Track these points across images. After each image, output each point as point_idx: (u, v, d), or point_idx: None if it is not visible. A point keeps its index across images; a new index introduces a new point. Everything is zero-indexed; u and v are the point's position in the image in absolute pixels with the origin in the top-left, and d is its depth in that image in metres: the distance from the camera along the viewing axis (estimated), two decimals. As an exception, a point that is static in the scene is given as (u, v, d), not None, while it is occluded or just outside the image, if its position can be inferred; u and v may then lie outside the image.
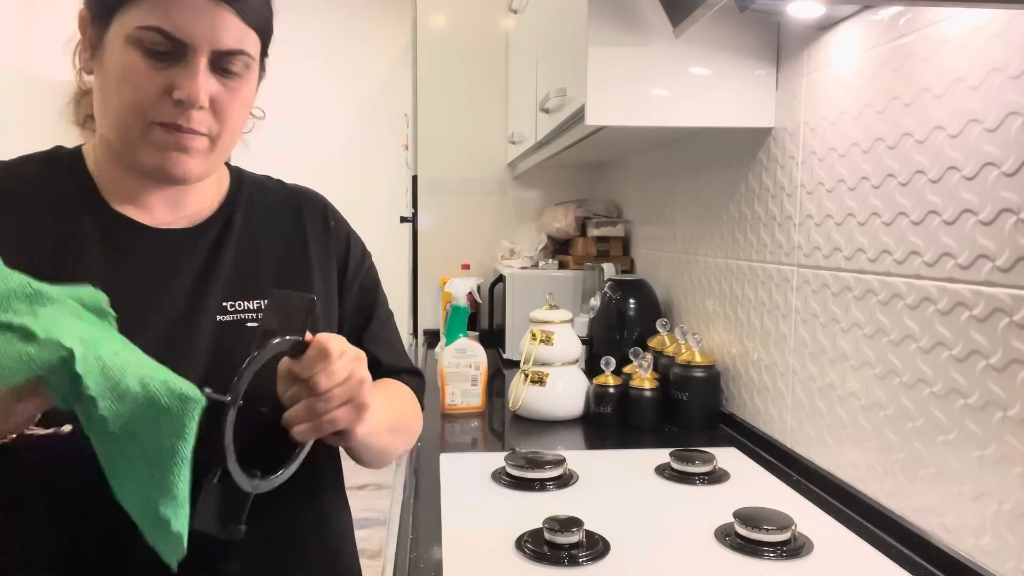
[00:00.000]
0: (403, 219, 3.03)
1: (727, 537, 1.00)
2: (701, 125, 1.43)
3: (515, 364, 1.76)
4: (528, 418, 1.63)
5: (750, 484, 1.24)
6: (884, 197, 1.06)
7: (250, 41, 0.75)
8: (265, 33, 0.79)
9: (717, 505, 1.12)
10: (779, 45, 1.37)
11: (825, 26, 1.21)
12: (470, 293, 2.48)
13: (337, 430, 0.69)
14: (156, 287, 0.76)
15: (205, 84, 0.71)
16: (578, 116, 1.46)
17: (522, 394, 1.62)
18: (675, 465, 1.26)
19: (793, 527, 0.98)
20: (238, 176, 0.90)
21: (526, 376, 1.63)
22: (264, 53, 0.82)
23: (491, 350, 2.26)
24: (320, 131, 4.30)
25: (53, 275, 0.65)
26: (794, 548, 0.97)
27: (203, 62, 0.71)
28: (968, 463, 0.90)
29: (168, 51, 0.70)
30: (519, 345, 1.69)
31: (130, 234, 0.77)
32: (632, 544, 0.99)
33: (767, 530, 0.97)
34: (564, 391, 1.62)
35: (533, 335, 1.65)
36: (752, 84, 1.38)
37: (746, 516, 1.00)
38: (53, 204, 0.75)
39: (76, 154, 0.80)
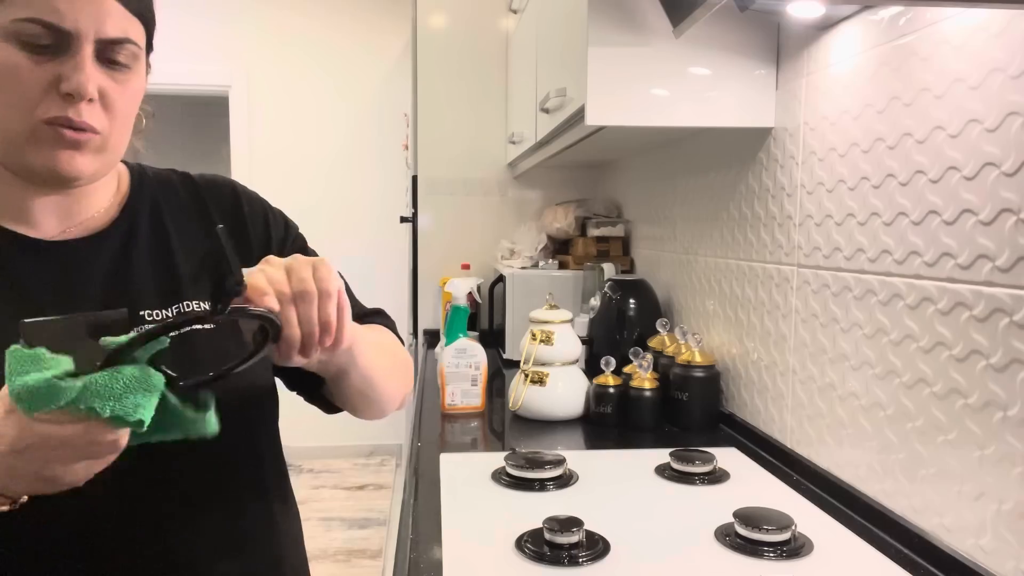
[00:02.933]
0: (403, 219, 3.04)
1: (727, 537, 1.00)
2: (701, 125, 1.42)
3: (515, 364, 1.76)
4: (528, 418, 1.63)
5: (750, 484, 1.24)
6: (884, 197, 1.06)
7: (135, 30, 0.71)
8: (149, 22, 0.74)
9: (717, 505, 1.12)
10: (779, 45, 1.37)
11: (825, 26, 1.21)
12: (470, 293, 2.48)
13: (328, 332, 0.65)
14: (56, 306, 0.69)
15: (93, 75, 0.67)
16: (578, 116, 1.46)
17: (522, 394, 1.62)
18: (675, 465, 1.26)
19: (793, 527, 0.98)
20: (139, 174, 0.84)
21: (526, 376, 1.63)
22: (149, 46, 0.76)
23: (491, 350, 2.26)
24: (320, 131, 4.30)
25: None
26: (794, 548, 0.97)
27: (89, 52, 0.66)
28: (968, 463, 0.90)
29: (50, 43, 0.65)
30: (519, 345, 1.69)
31: (18, 251, 0.71)
32: (632, 544, 0.99)
33: (767, 530, 0.97)
34: (564, 391, 1.62)
35: (533, 335, 1.65)
36: (752, 84, 1.38)
37: (746, 516, 1.00)
38: None
39: None
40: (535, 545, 0.97)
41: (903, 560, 0.96)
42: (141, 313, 0.74)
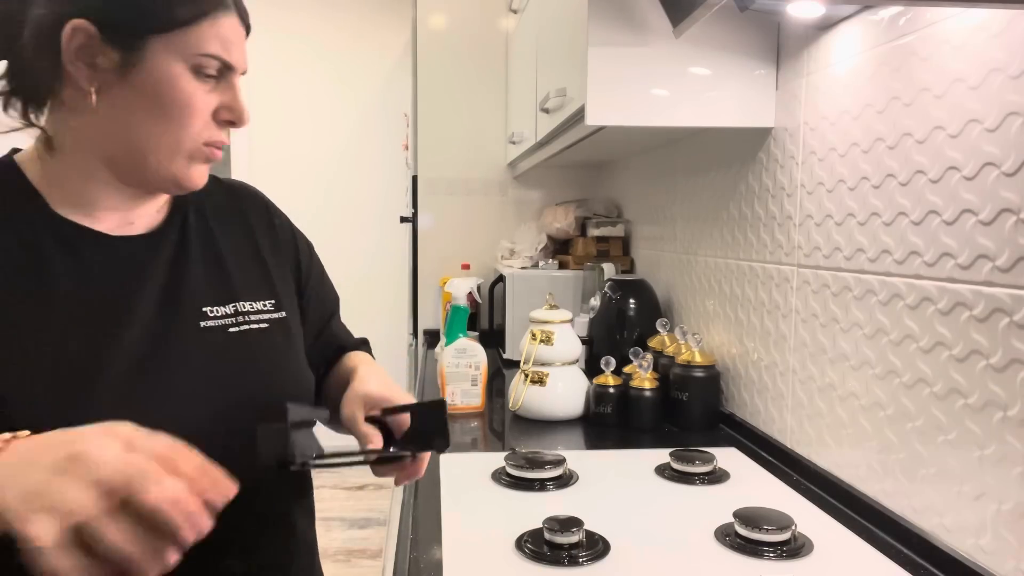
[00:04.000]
0: (403, 219, 3.04)
1: (727, 537, 1.00)
2: (701, 125, 1.42)
3: (515, 364, 1.76)
4: (528, 418, 1.63)
5: (750, 484, 1.24)
6: (884, 197, 1.06)
7: None
8: None
9: (717, 505, 1.12)
10: (779, 45, 1.37)
11: (825, 26, 1.21)
12: (470, 293, 2.48)
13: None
14: (126, 296, 0.74)
15: (245, 103, 0.76)
16: (578, 116, 1.46)
17: (522, 394, 1.62)
18: (675, 465, 1.26)
19: (793, 527, 0.98)
20: None
21: (526, 376, 1.63)
22: None
23: (491, 350, 2.26)
24: (320, 131, 4.30)
25: (12, 290, 0.66)
26: (794, 548, 0.97)
27: (238, 82, 0.75)
28: (968, 463, 0.90)
29: (215, 75, 0.73)
30: (519, 345, 1.69)
31: (90, 244, 0.74)
32: (632, 544, 0.99)
33: (767, 530, 0.97)
34: (564, 391, 1.62)
35: (533, 335, 1.65)
36: (752, 84, 1.38)
37: (746, 516, 1.00)
38: (4, 219, 0.71)
39: (10, 164, 0.75)
40: (535, 545, 0.97)
41: (903, 560, 0.96)
42: (204, 310, 0.78)
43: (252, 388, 0.78)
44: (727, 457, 1.35)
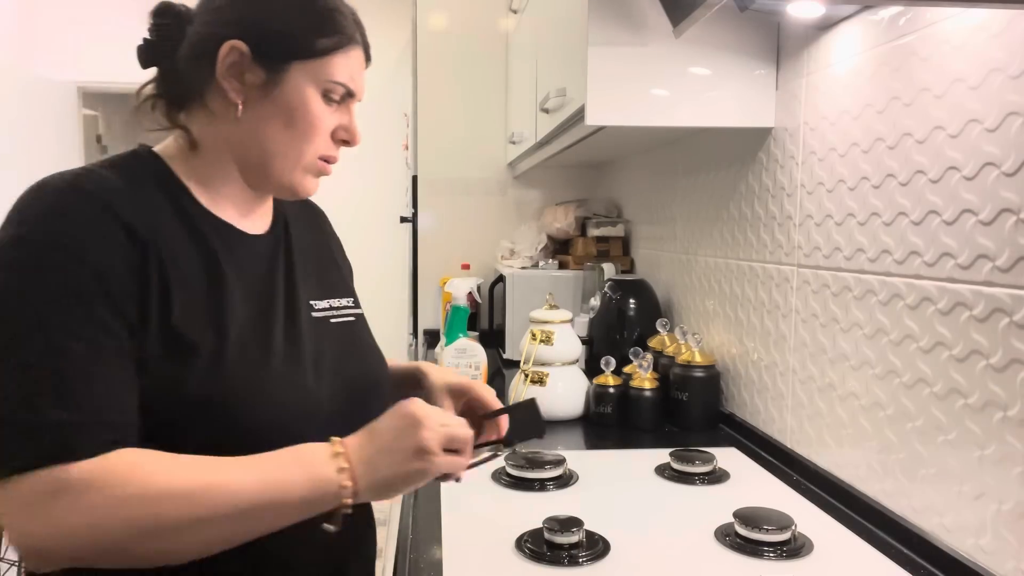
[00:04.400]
0: (403, 219, 3.03)
1: (727, 537, 1.00)
2: (701, 125, 1.42)
3: (515, 364, 1.76)
4: (528, 418, 1.62)
5: (750, 484, 1.24)
6: (884, 197, 1.06)
7: None
8: None
9: (717, 505, 1.12)
10: (779, 45, 1.37)
11: (825, 26, 1.21)
12: (470, 293, 2.48)
13: None
14: (265, 288, 0.84)
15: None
16: (578, 116, 1.45)
17: (522, 394, 1.62)
18: (675, 465, 1.26)
19: (793, 527, 0.98)
20: None
21: (526, 376, 1.63)
22: None
23: (491, 350, 2.26)
24: (320, 131, 4.30)
25: (197, 276, 0.76)
26: (794, 548, 0.97)
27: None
28: (968, 463, 0.90)
29: (338, 100, 0.83)
30: (519, 345, 1.69)
31: (235, 238, 0.83)
32: (632, 544, 0.99)
33: (767, 530, 0.97)
34: (564, 391, 1.62)
35: (533, 335, 1.65)
36: (752, 84, 1.38)
37: (746, 516, 1.00)
38: (169, 207, 0.78)
39: (159, 159, 0.82)
40: (535, 545, 0.97)
41: (903, 560, 0.96)
42: (311, 303, 0.88)
43: (354, 371, 0.89)
44: (727, 457, 1.35)
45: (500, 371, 2.14)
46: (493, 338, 2.39)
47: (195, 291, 0.75)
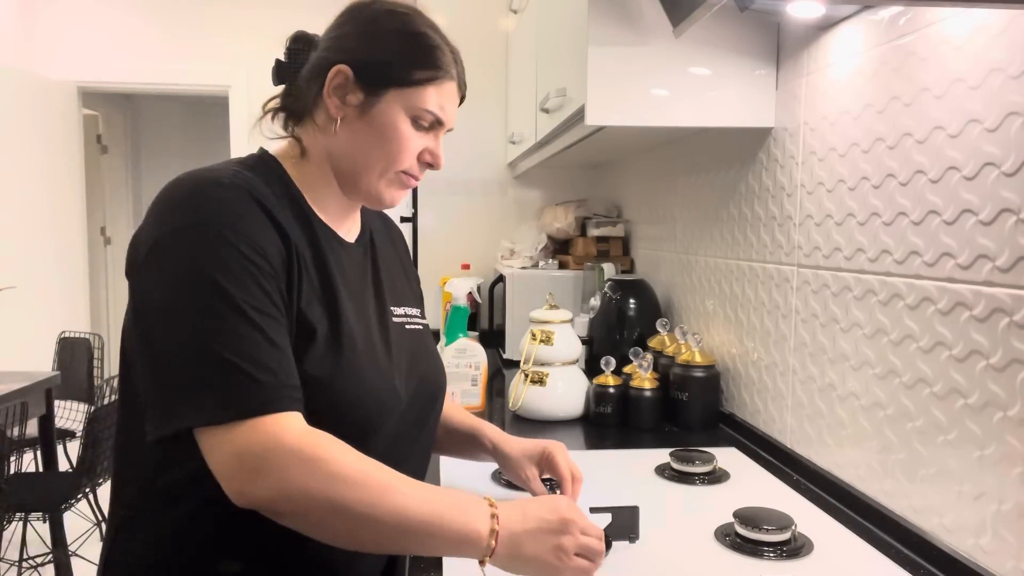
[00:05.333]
0: (403, 219, 3.03)
1: (727, 537, 1.00)
2: (701, 125, 1.42)
3: (515, 364, 1.76)
4: (528, 418, 1.63)
5: (750, 484, 1.24)
6: (884, 197, 1.06)
7: None
8: None
9: (717, 505, 1.12)
10: (779, 45, 1.37)
11: (825, 26, 1.21)
12: (470, 293, 2.47)
13: None
14: (360, 289, 0.92)
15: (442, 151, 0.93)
16: (578, 116, 1.46)
17: (522, 394, 1.62)
18: (675, 465, 1.26)
19: (793, 527, 0.98)
20: None
21: (526, 376, 1.63)
22: None
23: (491, 350, 2.26)
24: (320, 131, 4.30)
25: (315, 274, 0.84)
26: (794, 548, 0.97)
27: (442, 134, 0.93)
28: (968, 463, 0.90)
29: (428, 126, 0.90)
30: (519, 345, 1.69)
31: (338, 245, 0.91)
32: (632, 544, 0.99)
33: (767, 530, 0.97)
34: (564, 391, 1.62)
35: (533, 335, 1.65)
36: (752, 84, 1.38)
37: (746, 516, 1.00)
38: (291, 210, 0.85)
39: (280, 165, 0.90)
40: (535, 545, 0.96)
41: (903, 560, 0.96)
42: (390, 308, 0.96)
43: (424, 373, 0.97)
44: (727, 457, 1.35)
45: (500, 371, 2.14)
46: (493, 338, 2.39)
47: (314, 284, 0.83)
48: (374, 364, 0.87)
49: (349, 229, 0.95)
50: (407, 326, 0.98)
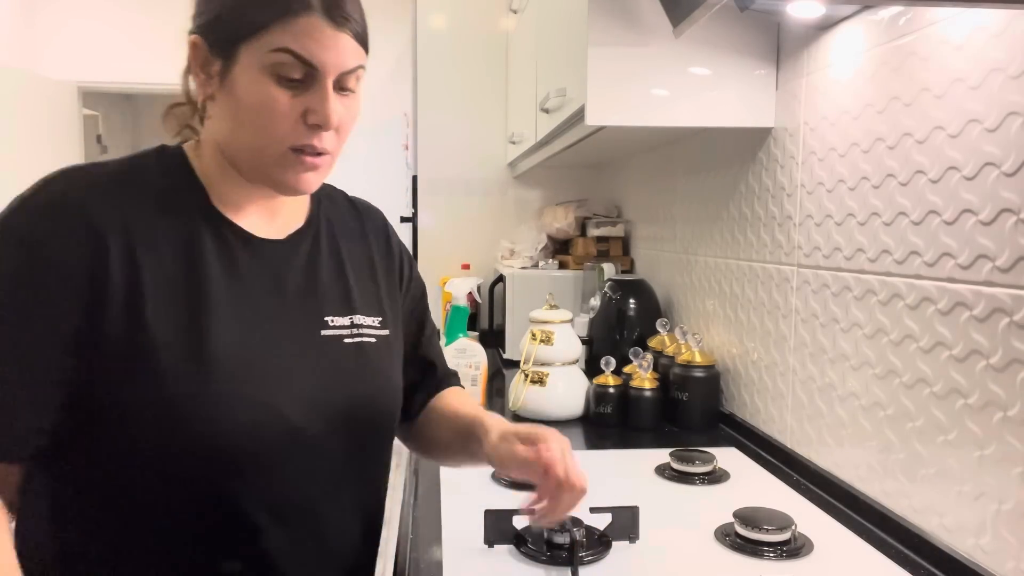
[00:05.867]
0: (403, 219, 3.03)
1: (727, 537, 1.00)
2: (701, 125, 1.42)
3: (515, 364, 1.76)
4: (528, 418, 1.62)
5: (750, 484, 1.24)
6: (884, 197, 1.06)
7: (362, 56, 0.79)
8: (368, 42, 0.81)
9: (717, 505, 1.12)
10: (779, 45, 1.37)
11: (825, 26, 1.21)
12: (470, 293, 2.47)
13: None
14: (268, 299, 0.80)
15: (335, 106, 0.76)
16: (578, 116, 1.45)
17: (522, 394, 1.62)
18: (675, 465, 1.26)
19: (793, 527, 0.98)
20: None
21: (526, 376, 1.63)
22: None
23: (491, 350, 2.26)
24: (320, 131, 4.29)
25: (176, 279, 0.74)
26: (794, 548, 0.97)
27: (330, 85, 0.75)
28: (968, 463, 0.90)
29: (300, 78, 0.74)
30: (519, 345, 1.69)
31: (240, 244, 0.80)
32: (632, 544, 0.99)
33: (767, 530, 0.97)
34: (564, 391, 1.62)
35: (533, 335, 1.65)
36: (752, 84, 1.38)
37: (746, 516, 1.00)
38: (173, 206, 0.77)
39: (183, 156, 0.82)
40: (535, 544, 0.96)
41: (903, 560, 0.96)
42: (326, 319, 0.84)
43: (357, 398, 0.84)
44: (727, 457, 1.35)
45: (500, 371, 2.14)
46: (493, 338, 2.39)
47: (170, 292, 0.73)
48: (247, 385, 0.75)
49: (269, 223, 0.84)
50: (347, 339, 0.84)
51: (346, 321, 0.85)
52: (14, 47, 4.18)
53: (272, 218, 0.84)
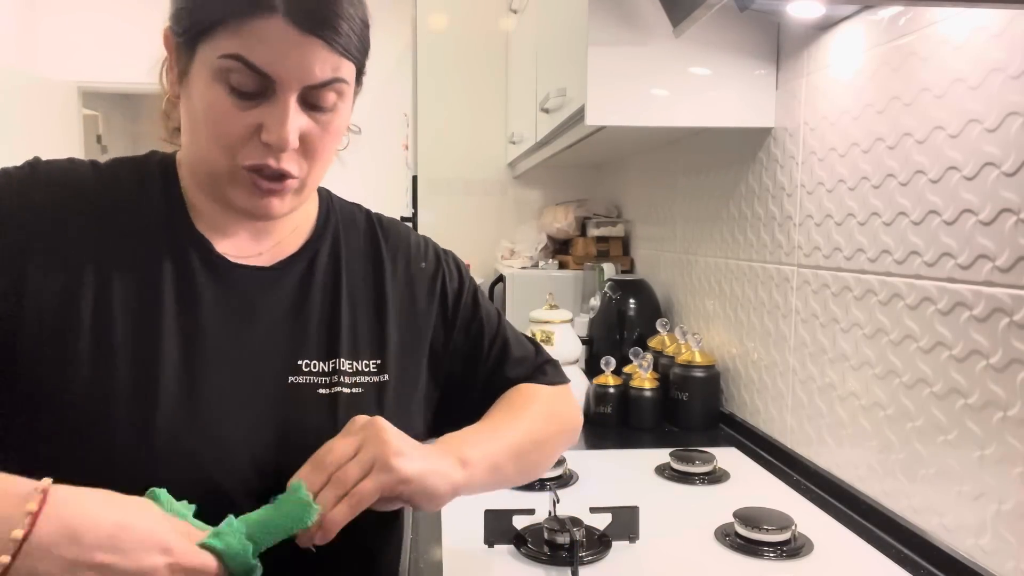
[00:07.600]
0: (403, 219, 3.03)
1: (727, 537, 1.00)
2: (701, 125, 1.42)
3: (515, 364, 1.76)
4: (528, 418, 1.62)
5: (750, 484, 1.24)
6: (884, 197, 1.06)
7: (344, 68, 0.66)
8: (361, 53, 0.69)
9: (717, 505, 1.12)
10: (779, 45, 1.37)
11: (825, 26, 1.21)
12: (470, 293, 2.47)
13: (381, 498, 0.68)
14: (226, 333, 0.69)
15: (295, 124, 0.64)
16: (578, 116, 1.45)
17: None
18: (675, 465, 1.26)
19: (793, 527, 0.98)
20: (327, 205, 0.83)
21: (526, 376, 1.63)
22: (360, 75, 0.73)
23: (491, 350, 2.26)
24: (320, 131, 4.30)
25: (125, 307, 0.65)
26: (794, 548, 0.97)
27: (292, 100, 0.64)
28: (968, 463, 0.90)
29: (255, 90, 0.63)
30: (519, 345, 1.69)
31: (208, 269, 0.70)
32: (632, 544, 0.99)
33: (767, 530, 0.97)
34: (564, 391, 1.62)
35: (533, 335, 1.65)
36: (752, 84, 1.38)
37: (746, 516, 1.00)
38: (138, 219, 0.70)
39: (171, 163, 0.74)
40: (535, 544, 0.96)
41: (903, 560, 0.96)
42: (299, 363, 0.72)
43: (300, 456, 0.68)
44: (727, 457, 1.35)
45: (500, 371, 2.14)
46: (493, 338, 2.39)
47: (106, 323, 0.65)
48: (185, 459, 0.64)
49: (256, 246, 0.74)
50: (321, 389, 0.72)
51: (325, 367, 0.72)
52: (14, 47, 4.18)
53: (259, 241, 0.74)
